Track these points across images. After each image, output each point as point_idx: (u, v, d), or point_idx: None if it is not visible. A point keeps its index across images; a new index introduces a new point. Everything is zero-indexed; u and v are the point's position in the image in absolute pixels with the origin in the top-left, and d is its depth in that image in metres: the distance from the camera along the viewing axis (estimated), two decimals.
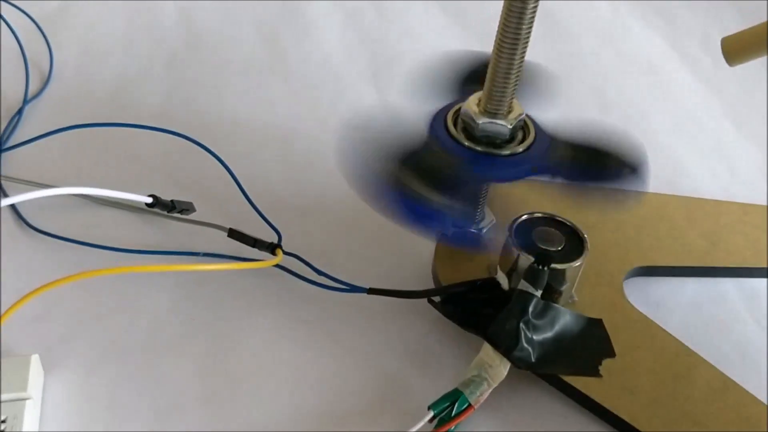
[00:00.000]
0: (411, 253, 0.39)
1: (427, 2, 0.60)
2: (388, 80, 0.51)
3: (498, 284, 0.35)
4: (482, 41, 0.32)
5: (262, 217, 0.38)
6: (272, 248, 0.35)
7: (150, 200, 0.34)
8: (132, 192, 0.34)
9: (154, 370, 0.34)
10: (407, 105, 0.34)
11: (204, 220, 0.38)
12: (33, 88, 0.48)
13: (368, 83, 0.51)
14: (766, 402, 0.33)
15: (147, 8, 0.55)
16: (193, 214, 0.38)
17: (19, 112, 0.45)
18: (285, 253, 0.37)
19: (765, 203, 0.43)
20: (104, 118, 0.45)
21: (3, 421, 0.29)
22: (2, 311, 0.30)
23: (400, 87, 0.46)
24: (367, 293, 0.35)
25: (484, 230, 0.38)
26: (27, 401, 0.30)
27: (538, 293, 0.33)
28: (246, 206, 0.38)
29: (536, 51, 0.54)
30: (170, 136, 0.40)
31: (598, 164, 0.34)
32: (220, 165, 0.39)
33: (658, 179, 0.46)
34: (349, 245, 0.40)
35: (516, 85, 0.33)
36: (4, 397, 0.30)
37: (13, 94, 0.47)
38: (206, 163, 0.39)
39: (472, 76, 0.35)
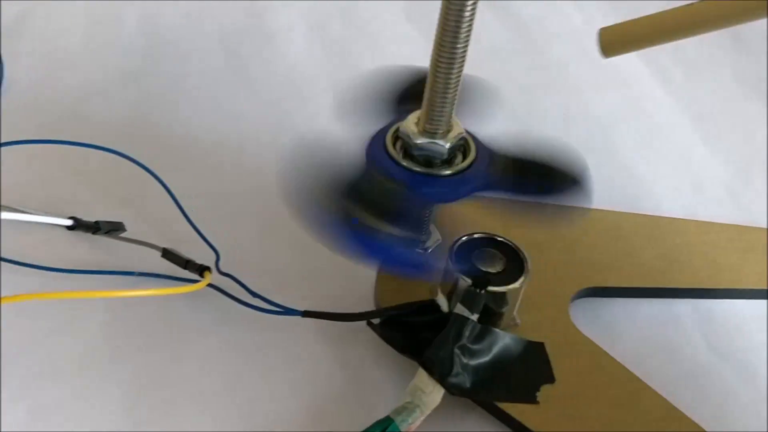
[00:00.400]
0: (356, 274, 0.38)
1: (396, 15, 0.59)
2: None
3: (438, 307, 0.34)
4: None
5: (200, 236, 0.37)
6: (201, 270, 0.34)
7: (70, 223, 0.33)
8: (62, 211, 0.33)
9: (81, 397, 0.32)
10: (341, 129, 0.33)
11: (144, 239, 0.37)
12: None
13: (331, 98, 0.49)
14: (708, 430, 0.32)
15: (107, 20, 0.55)
16: (132, 232, 0.37)
17: None
18: (221, 273, 0.36)
19: (726, 222, 0.42)
20: (54, 133, 0.44)
21: None
22: None
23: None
24: (302, 316, 0.34)
25: (430, 249, 0.37)
26: None
27: (475, 317, 0.32)
28: (187, 224, 0.37)
29: (511, 62, 0.54)
30: (114, 154, 0.39)
31: (540, 179, 0.34)
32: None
33: (618, 195, 0.45)
34: (292, 265, 0.39)
35: (454, 103, 0.32)
36: None
37: None
38: (151, 181, 0.38)
39: (409, 93, 0.34)
